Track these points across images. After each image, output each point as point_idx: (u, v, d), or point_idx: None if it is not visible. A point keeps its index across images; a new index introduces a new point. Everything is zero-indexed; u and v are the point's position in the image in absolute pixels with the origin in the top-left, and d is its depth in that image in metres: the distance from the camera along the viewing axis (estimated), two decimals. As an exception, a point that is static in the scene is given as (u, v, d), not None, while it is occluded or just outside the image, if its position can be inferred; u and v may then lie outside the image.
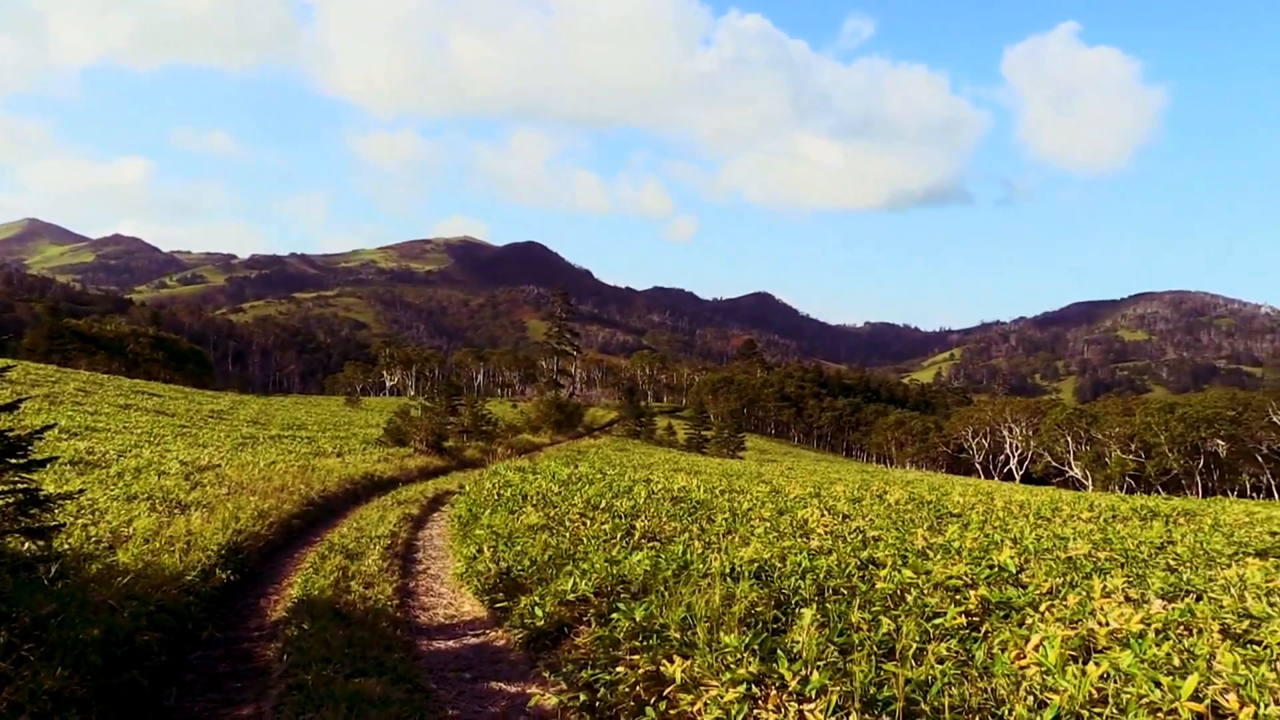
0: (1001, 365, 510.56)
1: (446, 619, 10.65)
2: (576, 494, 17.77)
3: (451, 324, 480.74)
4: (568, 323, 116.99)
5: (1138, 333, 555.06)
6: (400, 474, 28.40)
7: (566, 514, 14.65)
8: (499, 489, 19.67)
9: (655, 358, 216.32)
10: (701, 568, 8.63)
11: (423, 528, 18.22)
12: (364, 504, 20.71)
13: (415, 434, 39.01)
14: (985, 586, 7.85)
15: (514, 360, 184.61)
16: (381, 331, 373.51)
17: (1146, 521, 17.45)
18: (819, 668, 5.39)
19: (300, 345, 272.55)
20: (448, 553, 15.06)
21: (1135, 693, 5.15)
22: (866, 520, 14.08)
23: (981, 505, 19.03)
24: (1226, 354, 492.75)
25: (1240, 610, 7.59)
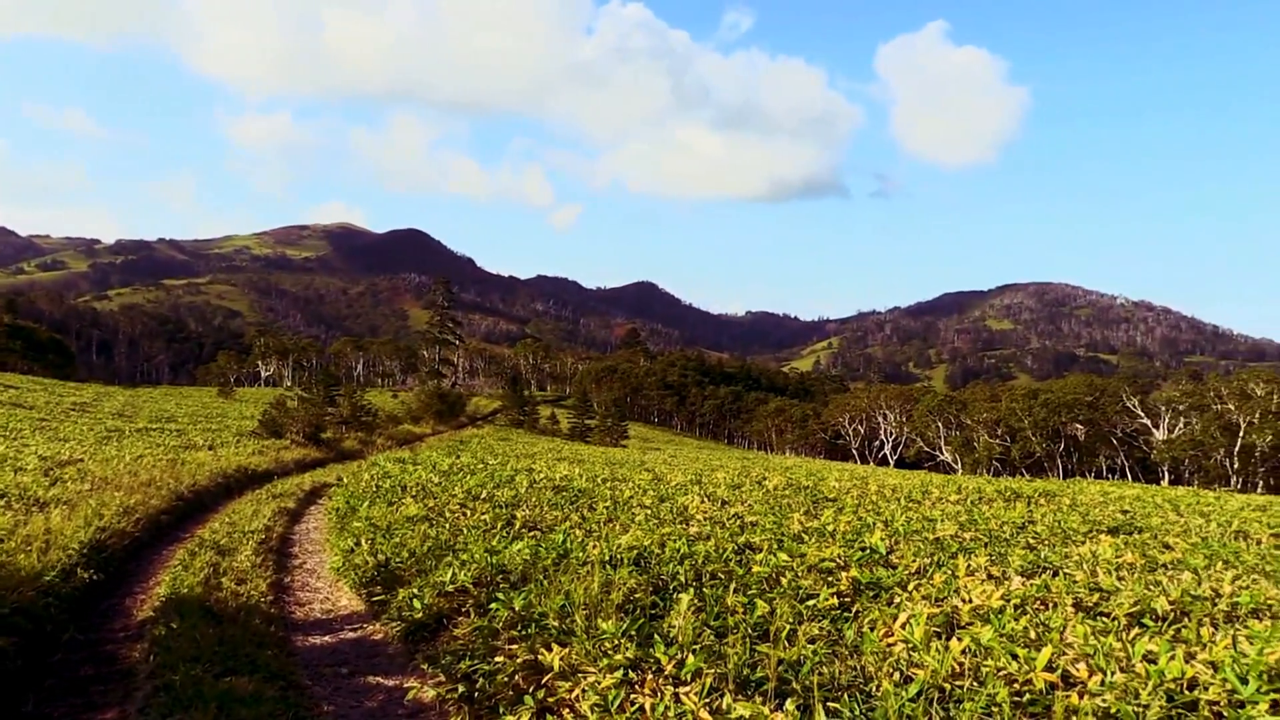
0: (877, 353, 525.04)
1: (323, 614, 10.43)
2: (457, 484, 17.60)
3: (330, 312, 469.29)
4: (450, 311, 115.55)
5: (1004, 322, 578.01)
6: (276, 467, 27.65)
7: (446, 505, 14.50)
8: (378, 480, 19.34)
9: (539, 346, 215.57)
10: (581, 556, 8.65)
11: (299, 521, 17.79)
12: (237, 498, 20.11)
13: (291, 425, 38.01)
14: (857, 568, 8.09)
15: (395, 349, 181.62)
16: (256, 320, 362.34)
17: (1010, 503, 18.23)
18: (695, 651, 5.48)
19: (170, 334, 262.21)
20: (325, 546, 14.74)
21: (994, 665, 5.38)
22: (745, 506, 14.33)
23: (856, 490, 19.57)
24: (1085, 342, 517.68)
25: (1092, 584, 8.00)
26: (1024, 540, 11.39)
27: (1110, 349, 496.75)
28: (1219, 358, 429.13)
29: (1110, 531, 13.23)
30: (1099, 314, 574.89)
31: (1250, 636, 6.18)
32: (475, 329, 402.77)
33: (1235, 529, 15.54)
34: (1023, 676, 5.22)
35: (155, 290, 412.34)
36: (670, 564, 8.26)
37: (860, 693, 5.10)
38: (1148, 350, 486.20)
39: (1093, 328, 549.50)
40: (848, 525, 11.44)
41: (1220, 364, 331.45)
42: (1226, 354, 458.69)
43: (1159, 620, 6.93)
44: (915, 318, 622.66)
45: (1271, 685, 5.18)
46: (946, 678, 5.24)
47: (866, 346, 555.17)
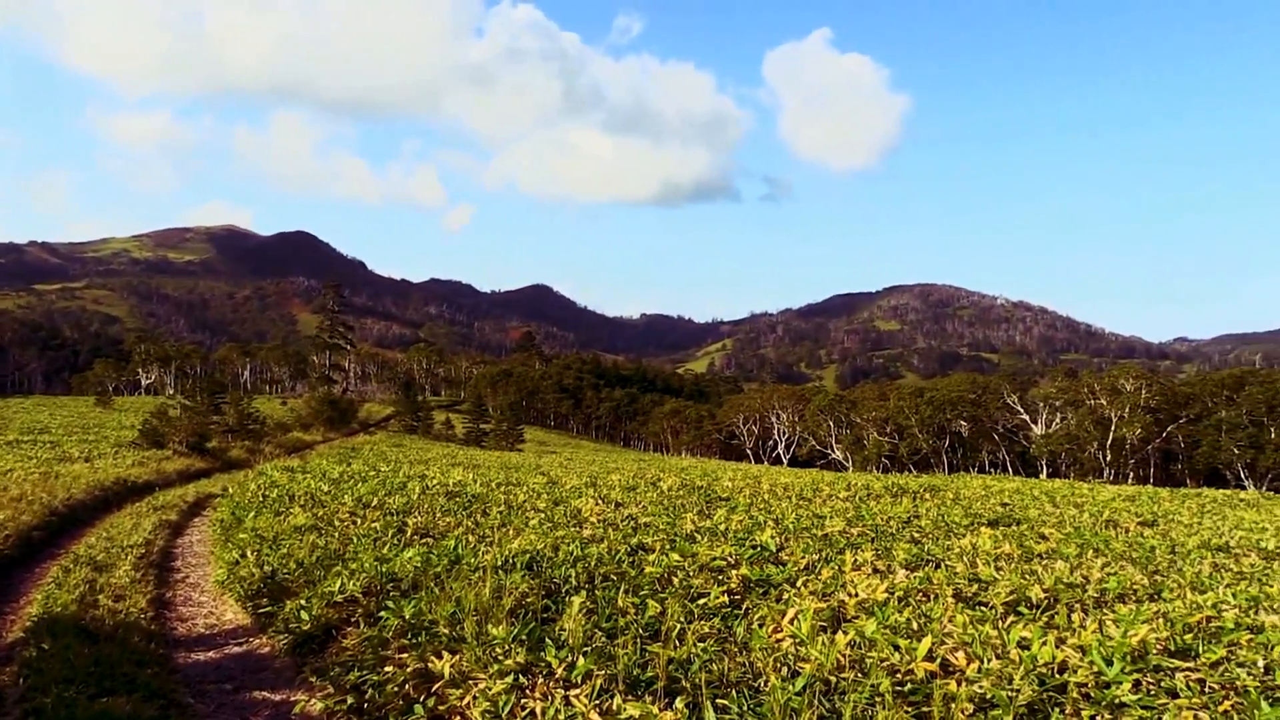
0: (770, 354, 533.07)
1: (207, 629, 10.11)
2: (348, 492, 17.26)
3: (215, 318, 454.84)
4: (341, 316, 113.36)
5: (891, 323, 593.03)
6: (157, 478, 26.69)
7: (336, 513, 14.21)
8: (265, 490, 18.85)
9: (433, 351, 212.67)
10: (474, 561, 8.59)
11: (182, 534, 17.22)
12: (116, 512, 19.35)
13: (174, 435, 36.75)
14: (747, 566, 8.21)
15: (284, 355, 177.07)
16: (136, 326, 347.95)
17: (896, 498, 18.72)
18: (586, 653, 5.49)
19: (43, 342, 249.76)
20: (209, 559, 14.30)
21: (878, 657, 5.52)
22: (639, 507, 14.40)
23: (749, 489, 19.83)
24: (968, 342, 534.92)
25: (971, 575, 8.28)
26: (909, 534, 11.72)
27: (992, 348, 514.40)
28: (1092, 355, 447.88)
29: (990, 524, 13.71)
30: (981, 314, 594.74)
31: (1116, 620, 6.48)
32: (367, 334, 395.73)
33: (1106, 518, 16.26)
34: (905, 667, 5.37)
35: (26, 295, 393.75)
36: (563, 567, 8.26)
37: (749, 688, 5.18)
38: (1026, 349, 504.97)
39: (975, 327, 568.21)
40: (740, 524, 11.59)
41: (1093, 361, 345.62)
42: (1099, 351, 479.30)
43: (1033, 608, 7.21)
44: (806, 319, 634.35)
45: (1135, 666, 5.44)
46: (832, 670, 5.36)
47: (760, 348, 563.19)
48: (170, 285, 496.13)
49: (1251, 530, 15.67)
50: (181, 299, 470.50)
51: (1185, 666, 5.59)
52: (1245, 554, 11.65)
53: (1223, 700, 5.06)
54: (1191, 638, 6.21)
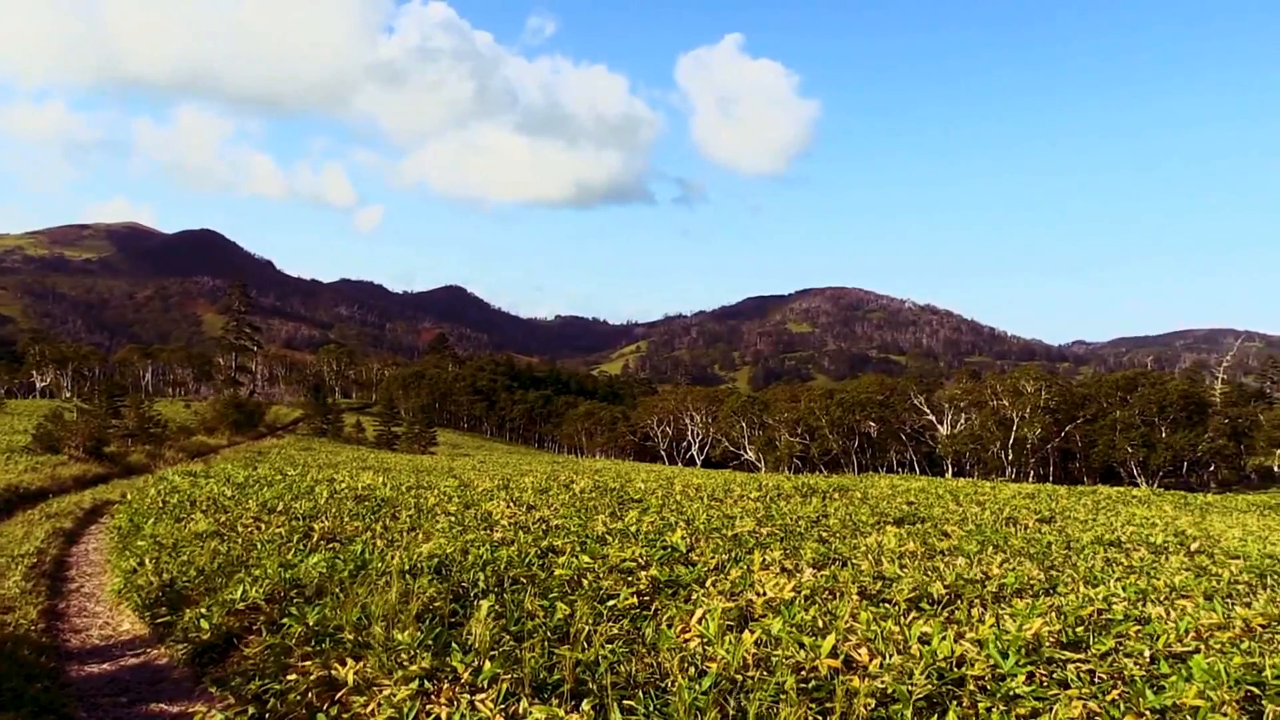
0: (684, 357, 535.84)
1: (102, 640, 9.77)
2: (252, 497, 16.86)
3: (115, 318, 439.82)
4: (247, 316, 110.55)
5: (803, 325, 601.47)
6: (52, 484, 25.69)
7: (240, 519, 13.86)
8: (165, 496, 18.28)
9: (343, 352, 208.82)
10: (381, 566, 8.46)
11: (77, 542, 16.60)
12: (7, 520, 18.57)
13: (70, 439, 35.43)
14: (657, 567, 8.25)
15: (187, 357, 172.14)
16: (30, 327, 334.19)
17: (806, 498, 18.99)
18: (493, 657, 5.45)
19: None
20: (105, 568, 13.81)
21: (783, 654, 5.60)
22: (552, 510, 14.36)
23: (661, 490, 19.92)
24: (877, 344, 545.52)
25: (876, 573, 8.44)
26: (817, 534, 11.90)
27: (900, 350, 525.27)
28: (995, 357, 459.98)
29: (896, 522, 14.00)
30: (889, 317, 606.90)
31: (1013, 614, 6.68)
32: (275, 335, 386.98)
33: (1007, 516, 16.74)
34: (809, 664, 5.45)
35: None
36: (472, 571, 8.19)
37: (656, 689, 5.20)
38: (933, 351, 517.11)
39: (884, 330, 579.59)
40: (651, 525, 11.64)
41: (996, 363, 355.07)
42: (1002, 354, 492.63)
43: (935, 604, 7.39)
44: (720, 321, 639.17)
45: (1029, 658, 5.61)
46: (739, 669, 5.42)
47: (674, 350, 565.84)
48: (67, 284, 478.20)
49: (1142, 526, 16.30)
50: (79, 299, 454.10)
51: (1076, 658, 5.78)
52: (1135, 548, 12.11)
53: (1111, 690, 5.25)
54: (1083, 630, 6.43)
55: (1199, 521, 18.92)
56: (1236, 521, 19.72)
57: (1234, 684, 5.14)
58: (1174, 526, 16.62)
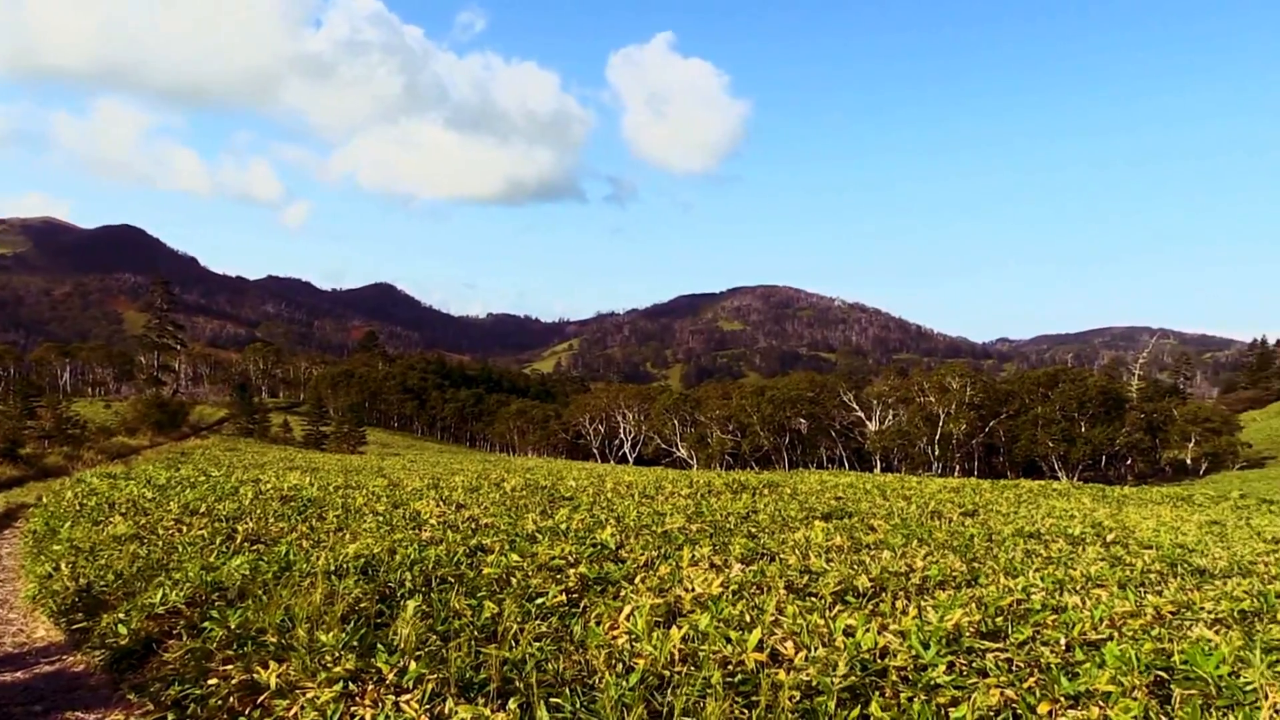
0: (616, 354, 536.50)
1: (15, 648, 9.47)
2: (174, 499, 16.48)
3: (31, 315, 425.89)
4: (170, 314, 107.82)
5: (735, 323, 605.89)
6: (-40, 488, 24.88)
7: (160, 521, 13.54)
8: (83, 498, 17.79)
9: (270, 351, 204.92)
10: (306, 567, 8.33)
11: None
12: (-89, 525, 17.93)
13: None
14: (586, 564, 8.25)
15: (108, 356, 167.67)
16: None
17: (737, 494, 19.13)
18: (418, 657, 5.41)
19: None
20: (19, 573, 13.39)
21: (710, 649, 5.63)
22: (482, 509, 14.28)
23: (593, 488, 19.92)
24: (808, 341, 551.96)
25: (803, 567, 8.55)
26: (746, 529, 12.00)
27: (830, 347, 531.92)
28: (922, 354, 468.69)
29: (824, 517, 14.17)
30: (819, 315, 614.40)
31: (935, 606, 6.81)
32: (199, 333, 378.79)
33: (932, 510, 17.04)
34: (736, 658, 5.50)
35: None
36: (399, 571, 8.11)
37: (583, 686, 5.21)
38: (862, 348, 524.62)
39: (814, 328, 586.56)
40: (581, 523, 11.64)
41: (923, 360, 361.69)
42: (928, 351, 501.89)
43: (860, 596, 7.50)
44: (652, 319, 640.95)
45: (949, 649, 5.73)
46: (666, 665, 5.44)
47: (606, 348, 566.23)
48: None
49: (1061, 518, 16.72)
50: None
51: (995, 647, 5.92)
52: (1054, 540, 12.42)
53: (1028, 677, 5.38)
54: (1002, 620, 6.58)
55: (1115, 513, 19.45)
56: (1151, 513, 20.32)
57: (1144, 669, 5.30)
58: (1092, 518, 17.08)
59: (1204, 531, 15.86)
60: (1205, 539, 14.14)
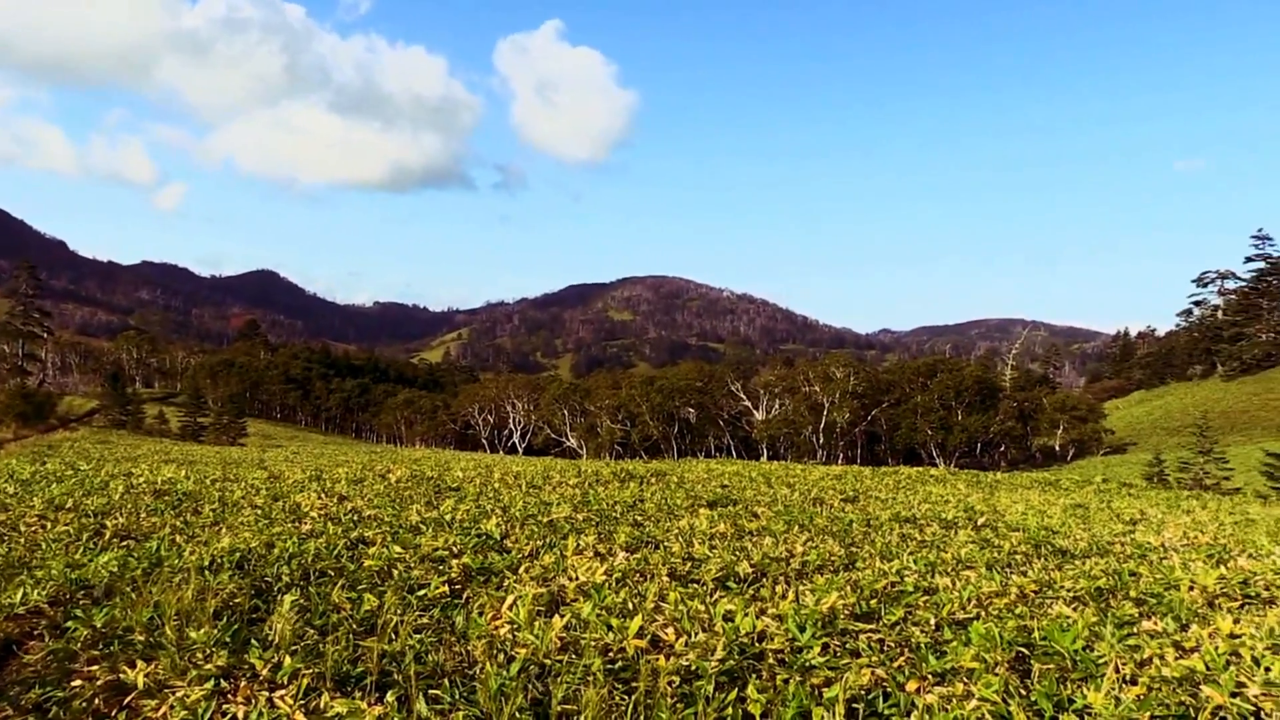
0: (506, 344, 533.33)
1: None
2: (38, 494, 15.72)
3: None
4: (36, 300, 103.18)
5: (625, 313, 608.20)
6: None
7: (22, 517, 12.90)
8: (-64, 495, 16.85)
9: (145, 339, 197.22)
10: (178, 563, 8.07)
11: None
12: None
13: None
14: (470, 555, 8.20)
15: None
16: None
17: (624, 484, 19.24)
18: (293, 652, 5.30)
19: None
20: None
21: (592, 637, 5.67)
22: (365, 500, 14.04)
23: (480, 478, 19.78)
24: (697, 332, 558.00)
25: (686, 554, 8.66)
26: (632, 518, 12.08)
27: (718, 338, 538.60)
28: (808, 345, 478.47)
29: (709, 505, 14.36)
30: (708, 305, 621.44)
31: (813, 590, 6.99)
32: (68, 320, 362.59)
33: (814, 496, 17.45)
34: (617, 645, 5.55)
35: None
36: (277, 565, 7.92)
37: (464, 677, 5.19)
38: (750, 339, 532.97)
39: (703, 318, 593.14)
40: (466, 514, 11.56)
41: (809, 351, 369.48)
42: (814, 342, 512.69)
43: (741, 582, 7.64)
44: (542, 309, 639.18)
45: (824, 631, 5.89)
46: (548, 653, 5.46)
47: (496, 337, 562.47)
48: None
49: (936, 503, 17.31)
50: None
51: (868, 628, 6.11)
52: (928, 524, 12.85)
53: (898, 656, 5.57)
54: (876, 602, 6.79)
55: (988, 498, 20.23)
56: (1021, 497, 21.19)
57: (1007, 646, 5.54)
58: (965, 503, 17.71)
59: (1068, 514, 16.62)
60: (1069, 521, 14.82)
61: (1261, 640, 5.86)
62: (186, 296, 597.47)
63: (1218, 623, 6.20)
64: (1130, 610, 6.86)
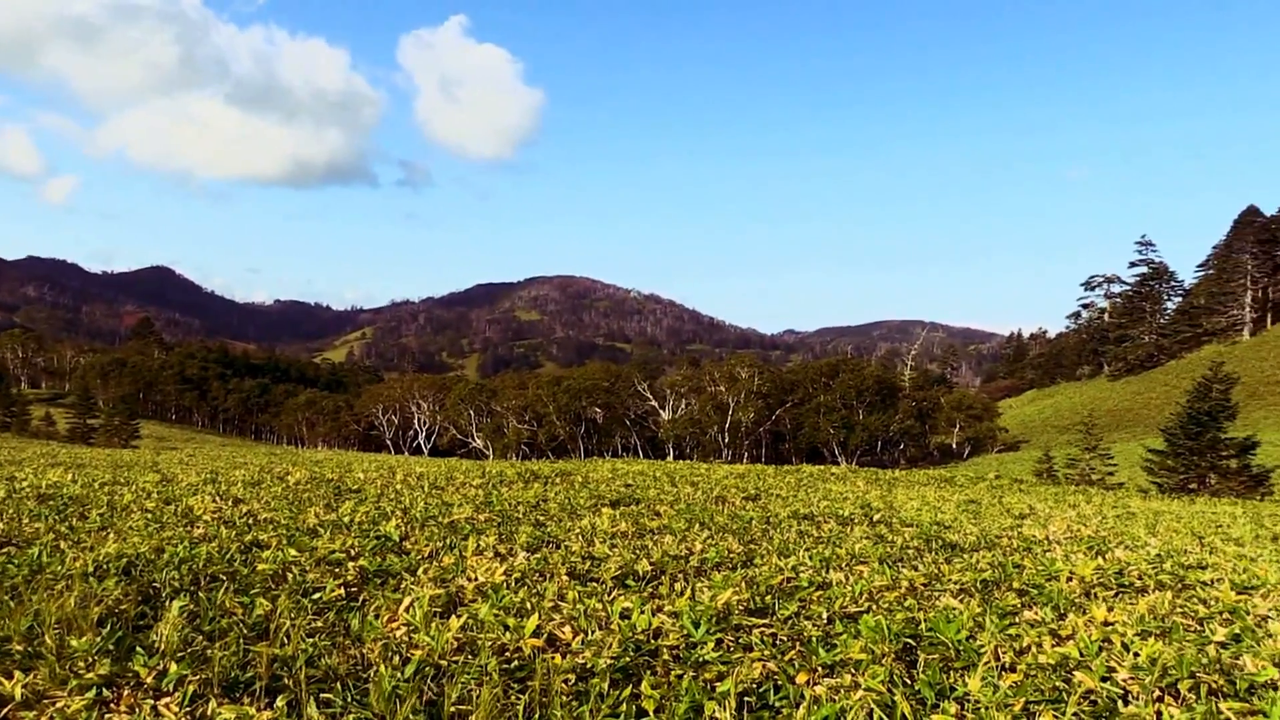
0: (412, 344, 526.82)
1: None
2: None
3: None
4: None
5: (532, 313, 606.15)
6: None
7: (-108, 525, 12.33)
8: None
9: (31, 338, 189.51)
10: (61, 569, 7.81)
11: None
12: None
13: None
14: (367, 557, 8.12)
15: None
16: None
17: (528, 484, 19.19)
18: (180, 659, 5.19)
19: None
20: None
21: (489, 637, 5.68)
22: (262, 503, 13.74)
23: (382, 479, 19.52)
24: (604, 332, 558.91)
25: (586, 553, 8.71)
26: (534, 518, 12.08)
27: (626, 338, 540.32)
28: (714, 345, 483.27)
29: (612, 504, 14.42)
30: (616, 306, 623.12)
31: (710, 586, 7.10)
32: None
33: (716, 495, 17.64)
34: (513, 645, 5.56)
35: None
36: (166, 570, 7.73)
37: (358, 679, 5.15)
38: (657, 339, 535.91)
39: (611, 318, 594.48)
40: (365, 515, 11.43)
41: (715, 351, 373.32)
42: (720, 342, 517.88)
43: (640, 580, 7.71)
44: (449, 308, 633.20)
45: (719, 626, 6.00)
46: (444, 655, 5.45)
47: (401, 336, 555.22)
48: None
49: (835, 500, 17.68)
50: None
51: (762, 623, 6.24)
52: (826, 521, 13.12)
53: (790, 650, 5.70)
54: (771, 598, 6.94)
55: (885, 495, 20.73)
56: (917, 494, 21.77)
57: (894, 638, 5.72)
58: (863, 500, 18.13)
59: (960, 510, 17.14)
60: (961, 517, 15.28)
61: (1132, 627, 6.16)
62: (76, 293, 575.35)
63: (1093, 611, 6.49)
64: (1013, 601, 7.14)
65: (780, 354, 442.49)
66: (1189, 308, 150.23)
